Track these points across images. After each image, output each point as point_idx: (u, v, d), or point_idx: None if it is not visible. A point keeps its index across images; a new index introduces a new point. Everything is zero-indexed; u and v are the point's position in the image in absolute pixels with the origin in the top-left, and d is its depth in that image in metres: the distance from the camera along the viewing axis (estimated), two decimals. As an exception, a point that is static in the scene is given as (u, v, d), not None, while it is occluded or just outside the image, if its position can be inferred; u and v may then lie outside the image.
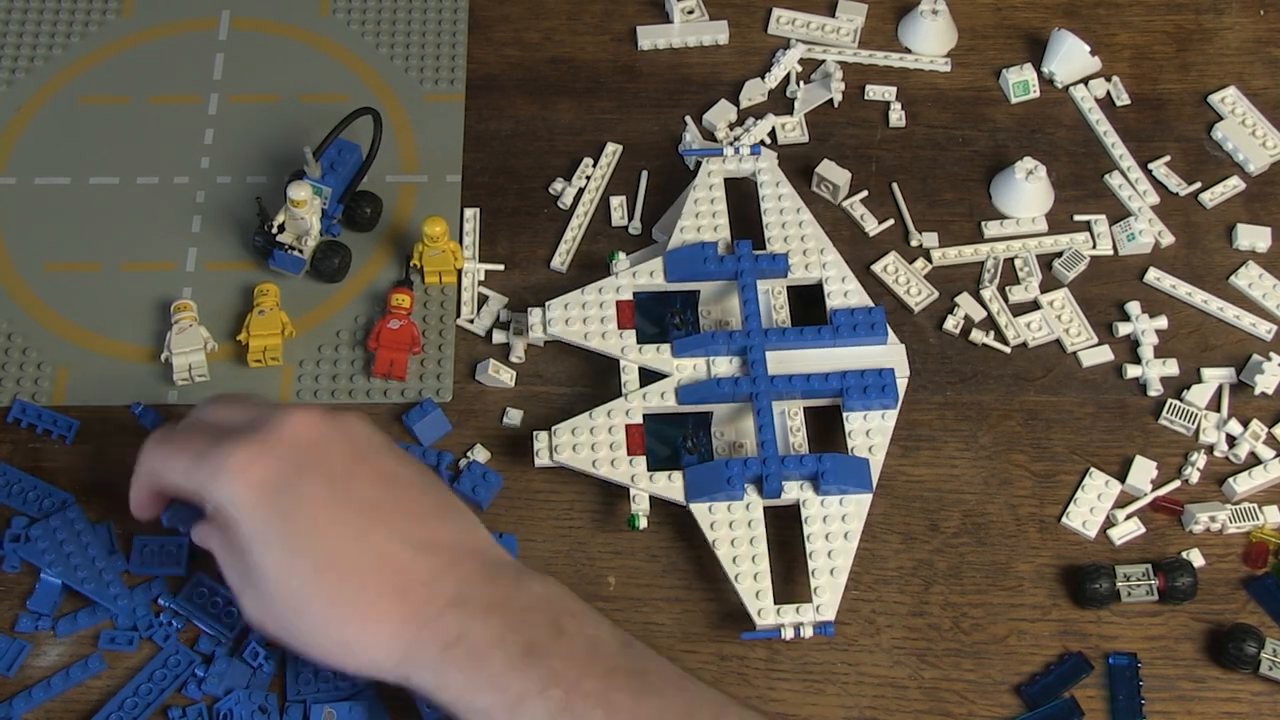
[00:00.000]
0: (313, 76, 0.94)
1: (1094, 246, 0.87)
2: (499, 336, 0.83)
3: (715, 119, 0.91)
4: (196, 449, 0.66)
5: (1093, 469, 0.79)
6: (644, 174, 0.89)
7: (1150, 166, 0.90)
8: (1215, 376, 0.82)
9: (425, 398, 0.81)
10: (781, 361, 0.79)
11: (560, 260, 0.86)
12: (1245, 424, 0.80)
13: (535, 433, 0.77)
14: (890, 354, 0.80)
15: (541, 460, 0.76)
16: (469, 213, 0.88)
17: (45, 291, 0.85)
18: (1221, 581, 0.76)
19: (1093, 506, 0.78)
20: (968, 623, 0.74)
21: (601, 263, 0.85)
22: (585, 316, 0.81)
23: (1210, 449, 0.80)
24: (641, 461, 0.76)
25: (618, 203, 0.88)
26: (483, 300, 0.85)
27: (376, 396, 0.82)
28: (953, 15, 0.95)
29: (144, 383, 0.82)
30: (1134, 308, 0.84)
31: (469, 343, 0.84)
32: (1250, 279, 0.85)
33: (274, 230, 0.83)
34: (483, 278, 0.85)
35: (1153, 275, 0.86)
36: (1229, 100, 0.92)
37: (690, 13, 0.96)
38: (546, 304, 0.81)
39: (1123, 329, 0.84)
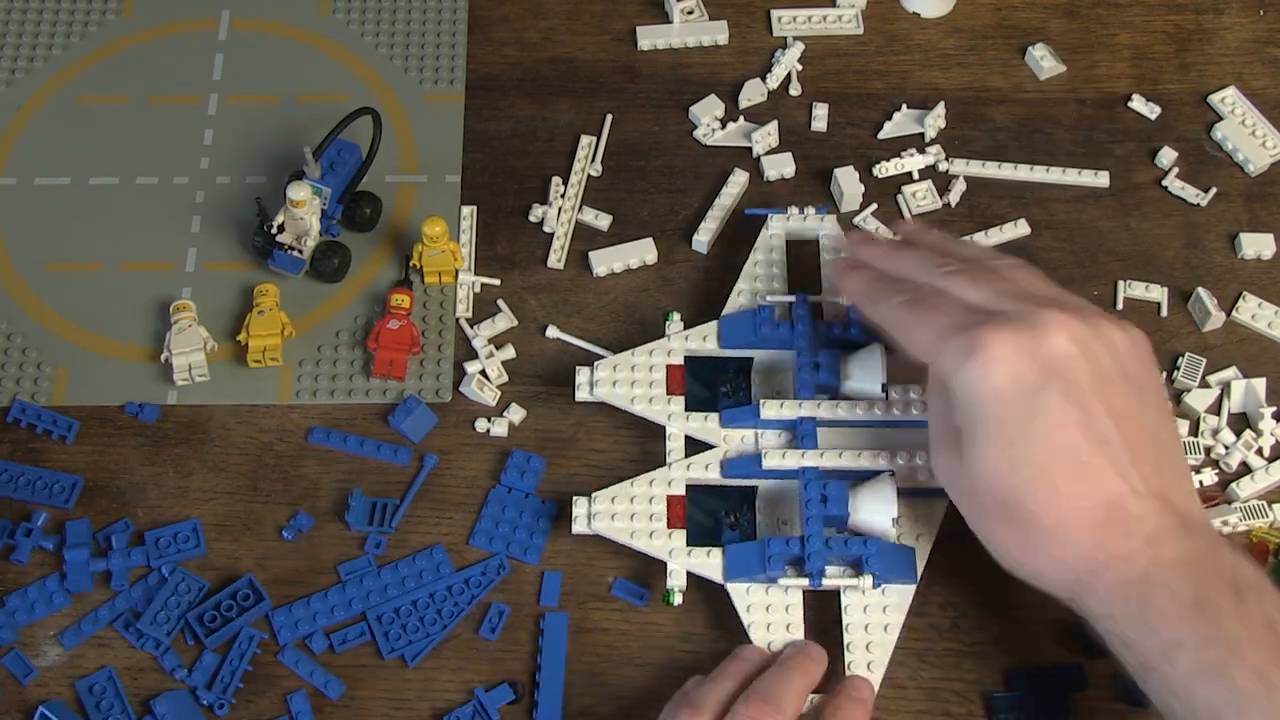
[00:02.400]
0: (312, 76, 0.94)
1: (1094, 246, 0.87)
2: (482, 351, 0.82)
3: (700, 112, 0.91)
4: (946, 325, 0.66)
5: None
6: (607, 117, 0.90)
7: (1150, 166, 0.90)
8: (1218, 379, 0.82)
9: (406, 396, 0.80)
10: (833, 436, 0.76)
11: (556, 258, 0.86)
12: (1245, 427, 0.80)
13: (574, 498, 0.74)
14: None
15: (579, 528, 0.74)
16: (465, 210, 0.88)
17: (45, 291, 0.85)
18: (1221, 582, 0.76)
19: None
20: (968, 623, 0.74)
21: (601, 258, 0.85)
22: (634, 379, 0.78)
23: (1209, 451, 0.80)
24: (681, 536, 0.73)
25: (593, 215, 0.88)
26: (495, 312, 0.84)
27: (376, 397, 0.81)
28: (953, 15, 0.95)
29: (144, 383, 0.82)
30: (1134, 308, 0.85)
31: (468, 343, 0.83)
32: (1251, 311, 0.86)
33: (273, 230, 0.83)
34: (478, 289, 0.85)
35: (1153, 275, 0.86)
36: (1229, 100, 0.92)
37: (690, 13, 0.96)
38: (595, 364, 0.78)
39: (1123, 329, 0.84)
